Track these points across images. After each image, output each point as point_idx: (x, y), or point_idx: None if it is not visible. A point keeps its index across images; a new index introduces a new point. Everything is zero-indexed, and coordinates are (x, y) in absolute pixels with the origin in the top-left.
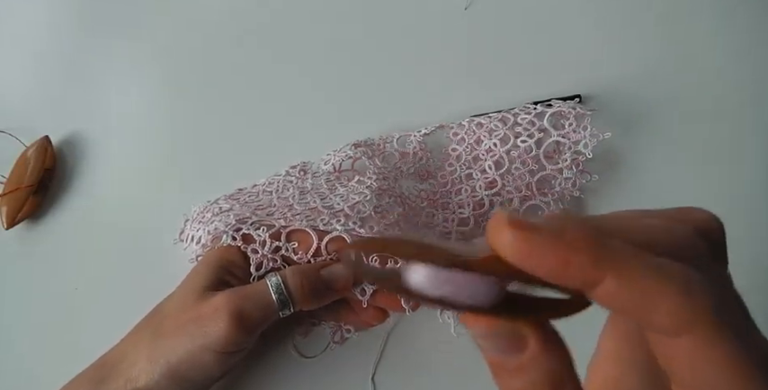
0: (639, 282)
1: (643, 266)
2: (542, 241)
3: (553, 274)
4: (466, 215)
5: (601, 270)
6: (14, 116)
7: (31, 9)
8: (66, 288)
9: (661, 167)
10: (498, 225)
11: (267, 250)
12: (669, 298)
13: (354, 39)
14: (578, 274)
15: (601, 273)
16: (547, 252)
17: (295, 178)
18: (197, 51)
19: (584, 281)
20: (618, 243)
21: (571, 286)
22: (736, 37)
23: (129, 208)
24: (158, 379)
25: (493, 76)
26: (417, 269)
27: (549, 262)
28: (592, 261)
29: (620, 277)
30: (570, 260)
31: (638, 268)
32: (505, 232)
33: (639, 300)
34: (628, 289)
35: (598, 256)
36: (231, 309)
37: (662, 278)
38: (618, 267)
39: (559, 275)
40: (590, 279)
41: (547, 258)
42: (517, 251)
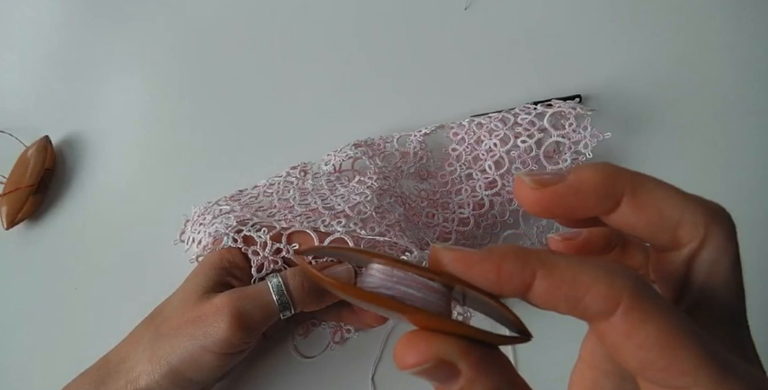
0: (564, 273)
1: (564, 260)
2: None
3: (489, 279)
4: (466, 215)
5: (529, 269)
6: (14, 116)
7: (31, 9)
8: (66, 288)
9: (661, 167)
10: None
11: (268, 252)
12: (592, 282)
13: (354, 40)
14: (511, 277)
15: (530, 273)
16: (482, 261)
17: (296, 179)
18: (197, 52)
19: (518, 285)
20: (541, 249)
21: (511, 292)
22: (737, 37)
23: (129, 208)
24: (159, 380)
25: (493, 76)
26: (376, 266)
27: (483, 269)
28: (519, 264)
29: (547, 272)
30: (501, 267)
31: (560, 262)
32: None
33: (568, 290)
34: (556, 282)
35: (524, 260)
36: (232, 310)
37: (583, 266)
38: (544, 265)
39: (495, 279)
40: (522, 280)
41: (482, 266)
42: (456, 266)
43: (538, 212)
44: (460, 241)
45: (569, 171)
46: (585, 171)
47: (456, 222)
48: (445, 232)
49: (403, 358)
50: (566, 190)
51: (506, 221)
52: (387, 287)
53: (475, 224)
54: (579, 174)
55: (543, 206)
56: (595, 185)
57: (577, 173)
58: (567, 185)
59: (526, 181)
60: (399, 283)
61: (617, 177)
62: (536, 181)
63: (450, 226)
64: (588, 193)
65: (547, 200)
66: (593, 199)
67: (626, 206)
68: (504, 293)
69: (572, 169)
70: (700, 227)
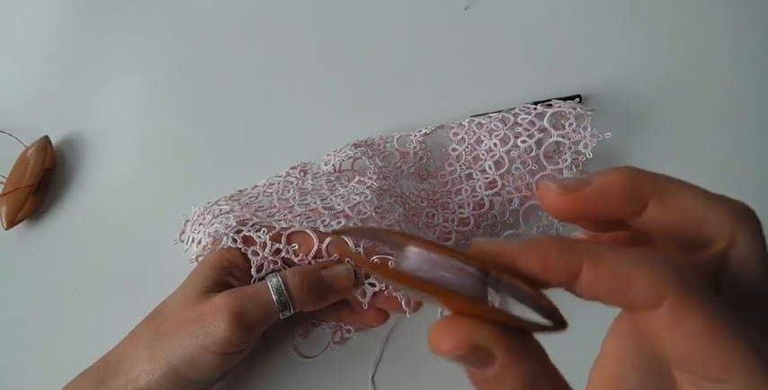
0: (611, 264)
1: (611, 252)
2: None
3: (537, 270)
4: (466, 215)
5: (576, 260)
6: (14, 116)
7: (31, 9)
8: (66, 288)
9: (661, 167)
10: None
11: (268, 252)
12: (640, 273)
13: (354, 40)
14: (557, 267)
15: (577, 264)
16: (527, 253)
17: (295, 179)
18: (197, 52)
19: (565, 275)
20: (584, 240)
21: (557, 281)
22: (737, 37)
23: (129, 208)
24: (159, 379)
25: (493, 76)
26: (413, 249)
27: (530, 260)
28: (566, 256)
29: (594, 264)
30: (547, 259)
31: (607, 254)
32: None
33: (616, 281)
34: (603, 274)
35: (571, 249)
36: (231, 309)
37: (631, 257)
38: (590, 257)
39: (543, 270)
40: (569, 271)
41: (528, 257)
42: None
43: (564, 217)
44: (460, 241)
45: (594, 175)
46: (611, 175)
47: (456, 222)
48: (445, 232)
49: (438, 344)
50: (592, 194)
51: (506, 221)
52: (424, 270)
53: (475, 224)
54: (604, 179)
55: (570, 211)
56: (621, 189)
57: (603, 178)
58: (594, 189)
59: (552, 187)
60: (436, 266)
61: (642, 180)
62: (562, 186)
63: (450, 226)
64: (614, 197)
65: (573, 205)
66: (620, 202)
67: (653, 208)
68: (550, 284)
69: (597, 173)
70: (727, 226)
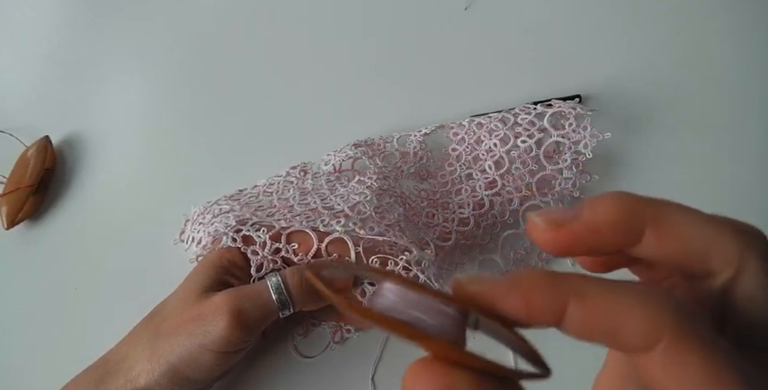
0: (599, 303)
1: (600, 288)
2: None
3: (518, 313)
4: (466, 215)
5: (561, 299)
6: (14, 116)
7: (31, 9)
8: (66, 288)
9: (661, 167)
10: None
11: (267, 251)
12: (632, 313)
13: (355, 40)
14: (542, 308)
15: (562, 303)
16: (508, 292)
17: (295, 178)
18: (197, 52)
19: (549, 315)
20: (572, 274)
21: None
22: (737, 37)
23: (129, 208)
24: (158, 379)
25: (493, 76)
26: (389, 286)
27: (512, 302)
28: (549, 295)
29: (580, 302)
30: (530, 299)
31: (595, 290)
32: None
33: (604, 321)
34: (590, 312)
35: (555, 286)
36: (231, 308)
37: (621, 295)
38: (576, 294)
39: (526, 313)
40: (553, 311)
41: (508, 303)
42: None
43: (555, 253)
44: (461, 241)
45: (584, 206)
46: (601, 205)
47: (456, 222)
48: (445, 232)
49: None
50: (582, 228)
51: (506, 221)
52: (398, 310)
53: (475, 224)
54: (595, 210)
55: (561, 247)
56: (614, 220)
57: (593, 209)
58: (584, 224)
59: (538, 222)
60: (412, 307)
61: (636, 209)
62: (549, 221)
63: (450, 226)
64: (607, 230)
65: (563, 241)
66: (613, 235)
67: (649, 238)
68: (533, 325)
69: (586, 204)
70: (733, 255)
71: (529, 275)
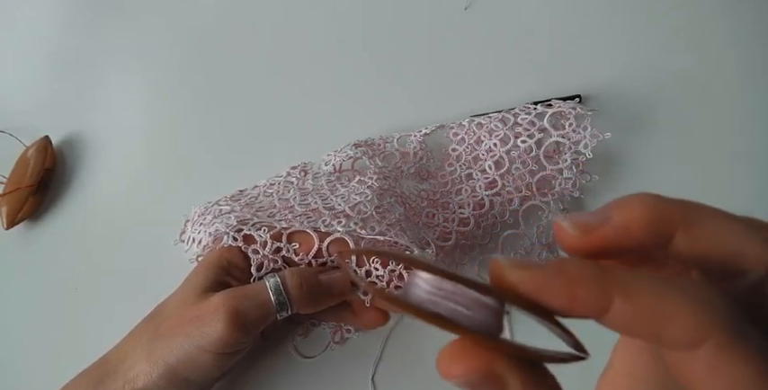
0: (648, 299)
1: (648, 283)
2: (547, 276)
3: (562, 305)
4: (466, 215)
5: (607, 294)
6: (14, 116)
7: (32, 9)
8: (66, 288)
9: (661, 167)
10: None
11: (268, 251)
12: (681, 311)
13: (354, 40)
14: (586, 302)
15: (607, 298)
16: (553, 285)
17: (296, 179)
18: (197, 52)
19: (593, 309)
20: (618, 268)
21: (582, 315)
22: (737, 37)
23: (130, 208)
24: (157, 380)
25: (493, 76)
26: (421, 275)
27: (556, 294)
28: (596, 287)
29: (627, 298)
30: (575, 291)
31: (643, 286)
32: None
33: (651, 317)
34: (638, 308)
35: (602, 281)
36: (228, 308)
37: (670, 291)
38: (623, 288)
39: (569, 305)
40: (599, 305)
41: (553, 290)
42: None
43: (585, 257)
44: (461, 241)
45: (612, 209)
46: (631, 209)
47: (456, 222)
48: (445, 232)
49: (448, 368)
50: (613, 232)
51: (506, 221)
52: (433, 301)
53: (475, 224)
54: (625, 214)
55: (591, 251)
56: (644, 224)
57: (622, 213)
58: (614, 227)
59: (567, 227)
60: (447, 297)
61: (666, 211)
62: (578, 226)
63: (450, 226)
64: (638, 232)
65: (594, 246)
66: (644, 238)
67: (680, 240)
68: (573, 316)
69: (614, 207)
70: (765, 255)
71: (575, 266)
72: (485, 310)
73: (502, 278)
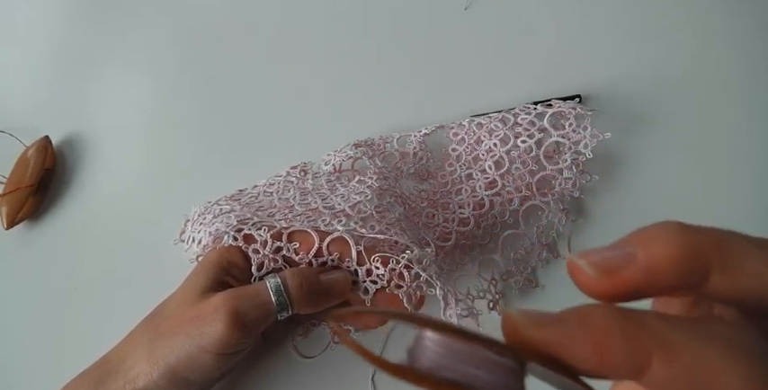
0: (692, 359)
1: (691, 339)
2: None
3: (590, 367)
4: (466, 215)
5: (643, 353)
6: (14, 116)
7: (32, 9)
8: (66, 288)
9: (661, 167)
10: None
11: (268, 250)
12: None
13: (354, 40)
14: (618, 362)
15: (645, 357)
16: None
17: (296, 178)
18: (197, 52)
19: (627, 370)
20: (652, 318)
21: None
22: (737, 37)
23: (130, 208)
24: (157, 380)
25: (493, 76)
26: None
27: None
28: (629, 346)
29: (669, 358)
30: (605, 348)
31: (685, 343)
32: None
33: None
34: (681, 370)
35: (635, 340)
36: (229, 309)
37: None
38: (662, 347)
39: (597, 366)
40: (634, 366)
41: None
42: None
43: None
44: (461, 241)
45: (636, 245)
46: (658, 247)
47: (456, 222)
48: (445, 232)
49: None
50: (638, 275)
51: (506, 221)
52: (445, 365)
53: (475, 224)
54: (651, 253)
55: (612, 295)
56: (675, 264)
57: (648, 251)
58: (640, 269)
59: (585, 268)
60: (462, 360)
61: (699, 249)
62: (599, 268)
63: (450, 226)
64: (667, 274)
65: (617, 290)
66: (674, 280)
67: (716, 280)
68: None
69: (638, 242)
70: None
71: (601, 318)
72: (505, 372)
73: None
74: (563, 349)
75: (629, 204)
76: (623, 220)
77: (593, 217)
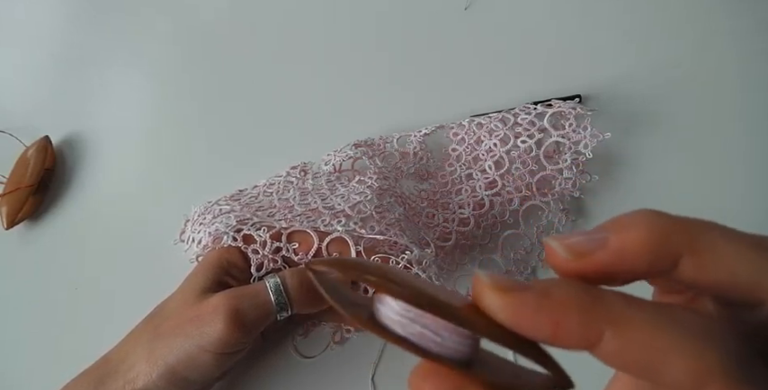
0: (642, 334)
1: (645, 318)
2: (529, 301)
3: (545, 336)
4: (466, 215)
5: (596, 327)
6: (14, 116)
7: (32, 9)
8: (66, 287)
9: (661, 167)
10: (481, 288)
11: (268, 250)
12: (679, 350)
13: (354, 40)
14: (572, 334)
15: (597, 331)
16: (535, 312)
17: (295, 179)
18: (197, 52)
19: (579, 342)
20: (612, 296)
21: (568, 347)
22: (737, 37)
23: (130, 207)
24: (156, 380)
25: (493, 76)
26: (388, 302)
27: (538, 324)
28: (584, 318)
29: (620, 333)
30: (560, 322)
31: (639, 320)
32: (489, 295)
33: (646, 356)
34: (631, 346)
35: (591, 310)
36: (228, 308)
37: (668, 326)
38: (615, 322)
39: (552, 336)
40: (586, 338)
41: (536, 319)
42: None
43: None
44: (461, 241)
45: (608, 230)
46: (630, 232)
47: (456, 222)
48: (445, 232)
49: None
50: (609, 258)
51: (506, 221)
52: (404, 323)
53: (475, 224)
54: (622, 237)
55: (584, 276)
56: (645, 248)
57: (620, 235)
58: (610, 252)
59: (558, 250)
60: (417, 321)
61: (669, 234)
62: (570, 249)
63: (450, 226)
64: (637, 259)
65: (587, 272)
66: (643, 263)
67: (686, 265)
68: (558, 346)
69: (611, 227)
70: None
71: (561, 291)
72: (458, 337)
73: (481, 299)
74: (520, 315)
75: (629, 204)
76: None
77: (593, 217)
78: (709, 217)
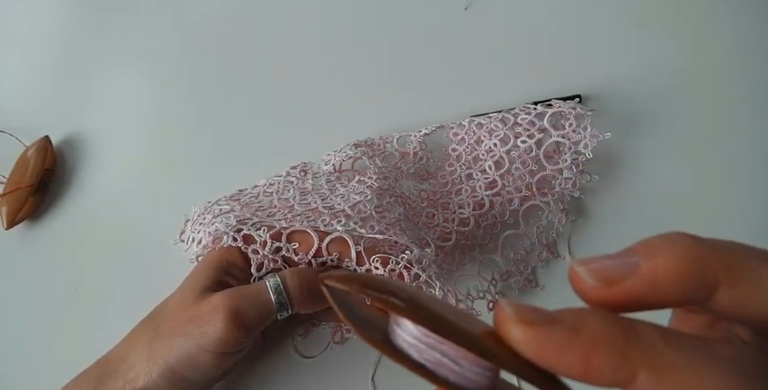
0: (680, 378)
1: (684, 361)
2: (557, 337)
3: (573, 374)
4: (466, 215)
5: (630, 366)
6: (14, 116)
7: (31, 10)
8: (66, 287)
9: (661, 167)
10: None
11: (268, 250)
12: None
13: (354, 40)
14: (603, 374)
15: (631, 370)
16: (563, 349)
17: (295, 178)
18: (197, 52)
19: (611, 382)
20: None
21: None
22: (737, 37)
23: (129, 208)
24: (157, 380)
25: (493, 76)
26: (406, 324)
27: (567, 362)
28: (618, 358)
29: (657, 377)
30: (591, 359)
31: (673, 361)
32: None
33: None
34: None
35: (624, 351)
36: (228, 308)
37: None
38: (652, 364)
39: (581, 375)
40: (618, 379)
41: (564, 356)
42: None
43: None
44: (461, 241)
45: (638, 254)
46: (663, 258)
47: (456, 222)
48: (445, 232)
49: None
50: (640, 286)
51: (506, 221)
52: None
53: (475, 224)
54: (655, 263)
55: (613, 305)
56: (679, 277)
57: (652, 262)
58: (642, 280)
59: (585, 276)
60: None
61: (706, 262)
62: (598, 276)
63: (450, 227)
64: (670, 288)
65: (616, 301)
66: (677, 293)
67: (722, 296)
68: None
69: (641, 251)
70: None
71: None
72: (477, 368)
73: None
74: (548, 352)
75: (629, 204)
76: (623, 220)
77: (593, 217)
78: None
